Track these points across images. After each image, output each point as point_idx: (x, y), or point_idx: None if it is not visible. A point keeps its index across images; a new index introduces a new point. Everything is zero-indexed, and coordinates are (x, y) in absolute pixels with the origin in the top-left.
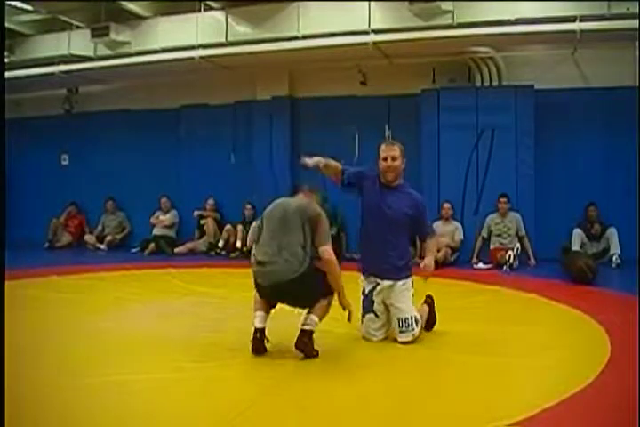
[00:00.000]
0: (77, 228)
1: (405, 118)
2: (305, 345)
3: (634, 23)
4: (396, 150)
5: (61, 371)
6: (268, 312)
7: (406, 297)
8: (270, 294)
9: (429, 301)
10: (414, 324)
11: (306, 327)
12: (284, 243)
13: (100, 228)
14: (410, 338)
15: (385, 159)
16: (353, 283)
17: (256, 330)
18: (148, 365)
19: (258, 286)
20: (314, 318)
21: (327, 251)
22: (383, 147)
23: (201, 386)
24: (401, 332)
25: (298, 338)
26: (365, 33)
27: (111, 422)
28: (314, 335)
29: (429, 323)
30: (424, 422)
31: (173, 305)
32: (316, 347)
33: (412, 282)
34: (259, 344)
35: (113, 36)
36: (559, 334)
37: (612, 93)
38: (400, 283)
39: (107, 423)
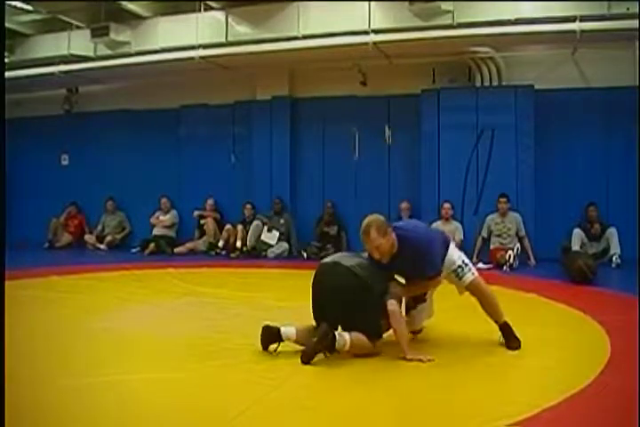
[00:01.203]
0: (77, 228)
1: (405, 118)
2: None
3: (634, 23)
4: (374, 239)
5: (61, 371)
6: None
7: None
8: None
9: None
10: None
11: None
12: None
13: (99, 228)
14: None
15: (370, 250)
16: None
17: None
18: (149, 364)
19: None
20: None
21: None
22: (361, 234)
23: (202, 386)
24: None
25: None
26: (365, 33)
27: (111, 422)
28: None
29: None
30: (425, 421)
31: (173, 305)
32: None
33: None
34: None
35: (113, 35)
36: (559, 334)
37: (612, 93)
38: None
39: (107, 423)
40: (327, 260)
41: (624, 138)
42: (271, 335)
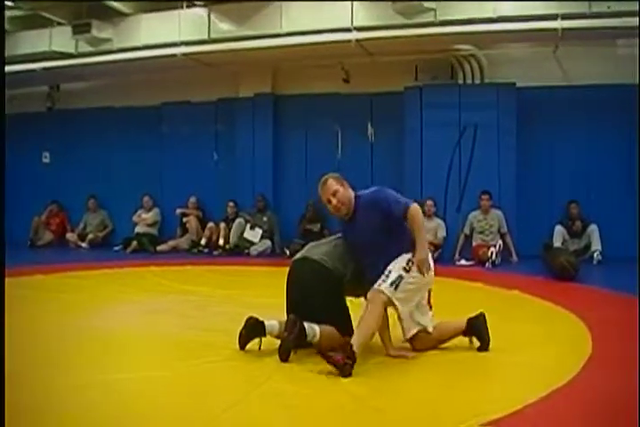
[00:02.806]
0: (59, 226)
1: (388, 116)
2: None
3: (615, 21)
4: (331, 184)
5: (48, 371)
6: None
7: (400, 261)
8: None
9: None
10: (388, 277)
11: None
12: None
13: (81, 226)
14: (378, 283)
15: (328, 202)
16: None
17: None
18: (135, 363)
19: None
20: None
21: None
22: (319, 188)
23: (188, 384)
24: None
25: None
26: (348, 30)
27: (99, 420)
28: None
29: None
30: (406, 419)
31: (158, 303)
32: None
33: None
34: None
35: (94, 32)
36: (542, 331)
37: (594, 91)
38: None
39: (94, 422)
40: (298, 255)
41: (605, 135)
42: (255, 328)
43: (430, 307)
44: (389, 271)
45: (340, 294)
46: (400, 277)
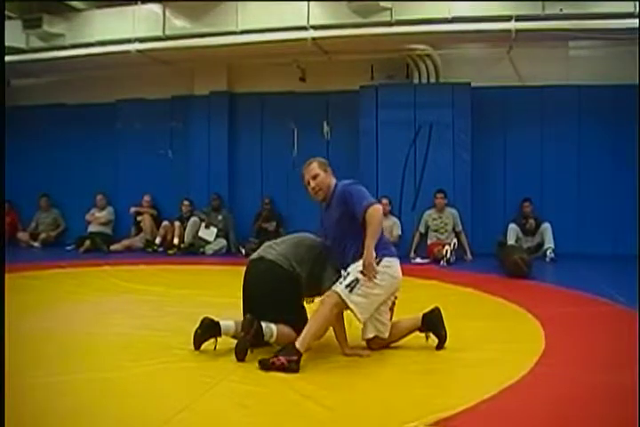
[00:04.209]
0: (10, 225)
1: (344, 114)
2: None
3: (567, 24)
4: (314, 168)
5: None
6: None
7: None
8: None
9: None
10: (345, 279)
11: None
12: None
13: (33, 225)
14: (335, 285)
15: (308, 183)
16: None
17: None
18: (87, 364)
19: None
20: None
21: None
22: (303, 169)
23: (141, 385)
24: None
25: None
26: (304, 29)
27: (46, 421)
28: None
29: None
30: (361, 417)
31: (111, 303)
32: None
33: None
34: None
35: (46, 27)
36: (496, 327)
37: (546, 92)
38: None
39: (42, 423)
40: (254, 255)
41: (558, 135)
42: (210, 328)
43: (391, 316)
44: (348, 273)
45: (297, 293)
46: (356, 281)
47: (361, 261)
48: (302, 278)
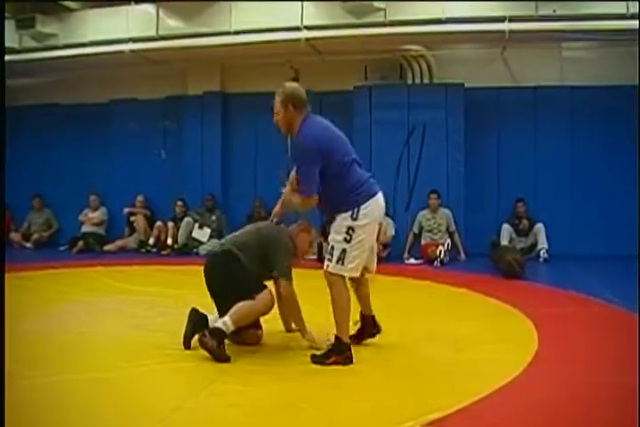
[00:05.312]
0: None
1: (338, 115)
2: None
3: (560, 25)
4: (276, 102)
5: None
6: None
7: (338, 227)
8: None
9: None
10: (332, 255)
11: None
12: None
13: (25, 225)
14: (326, 264)
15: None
16: None
17: None
18: (81, 364)
19: None
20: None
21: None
22: None
23: (135, 386)
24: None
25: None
26: (298, 29)
27: (41, 423)
28: None
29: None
30: (351, 417)
31: (105, 304)
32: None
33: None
34: None
35: (39, 27)
36: (489, 328)
37: (539, 92)
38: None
39: (37, 423)
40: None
41: (551, 136)
42: (198, 321)
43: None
44: (332, 247)
45: (245, 273)
46: (343, 251)
47: (337, 227)
48: (247, 261)
